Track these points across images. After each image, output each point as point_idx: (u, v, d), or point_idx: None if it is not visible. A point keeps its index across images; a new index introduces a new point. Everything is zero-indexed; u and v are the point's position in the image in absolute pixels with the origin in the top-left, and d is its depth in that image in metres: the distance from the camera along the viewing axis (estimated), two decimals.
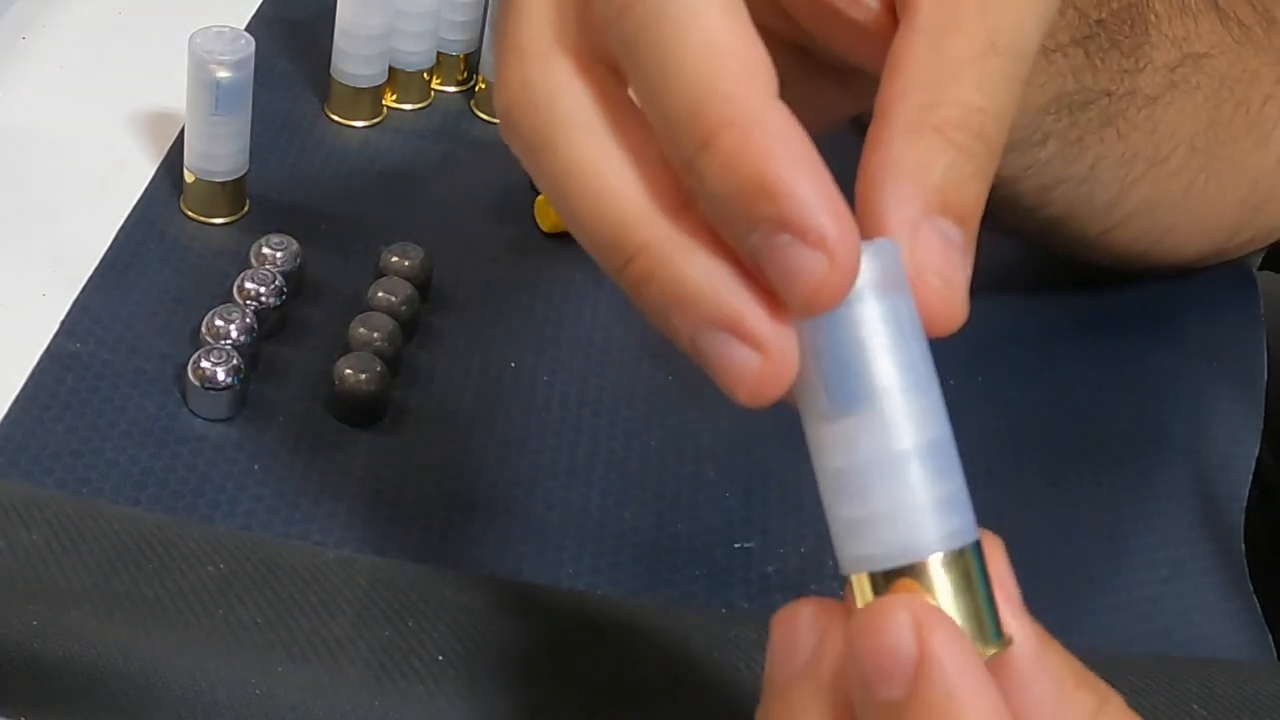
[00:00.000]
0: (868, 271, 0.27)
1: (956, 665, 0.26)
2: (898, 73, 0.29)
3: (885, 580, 0.27)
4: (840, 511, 0.28)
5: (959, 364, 0.55)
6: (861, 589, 0.27)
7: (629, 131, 0.29)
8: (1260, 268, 0.76)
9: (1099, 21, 0.47)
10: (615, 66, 0.29)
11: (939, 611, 0.27)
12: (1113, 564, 0.50)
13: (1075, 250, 0.55)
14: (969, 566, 0.27)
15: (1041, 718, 0.28)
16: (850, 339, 0.27)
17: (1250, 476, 0.54)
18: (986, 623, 0.27)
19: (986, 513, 0.53)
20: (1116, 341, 0.59)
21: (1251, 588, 0.50)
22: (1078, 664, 0.29)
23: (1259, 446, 0.55)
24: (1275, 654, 0.48)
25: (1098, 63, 0.47)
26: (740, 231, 0.27)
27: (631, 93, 0.29)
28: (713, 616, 0.43)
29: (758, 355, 0.27)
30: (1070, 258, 0.56)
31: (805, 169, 0.26)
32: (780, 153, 0.26)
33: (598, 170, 0.29)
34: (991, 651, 0.27)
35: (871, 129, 0.29)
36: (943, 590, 0.27)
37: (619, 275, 0.29)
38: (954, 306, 0.29)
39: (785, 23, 0.34)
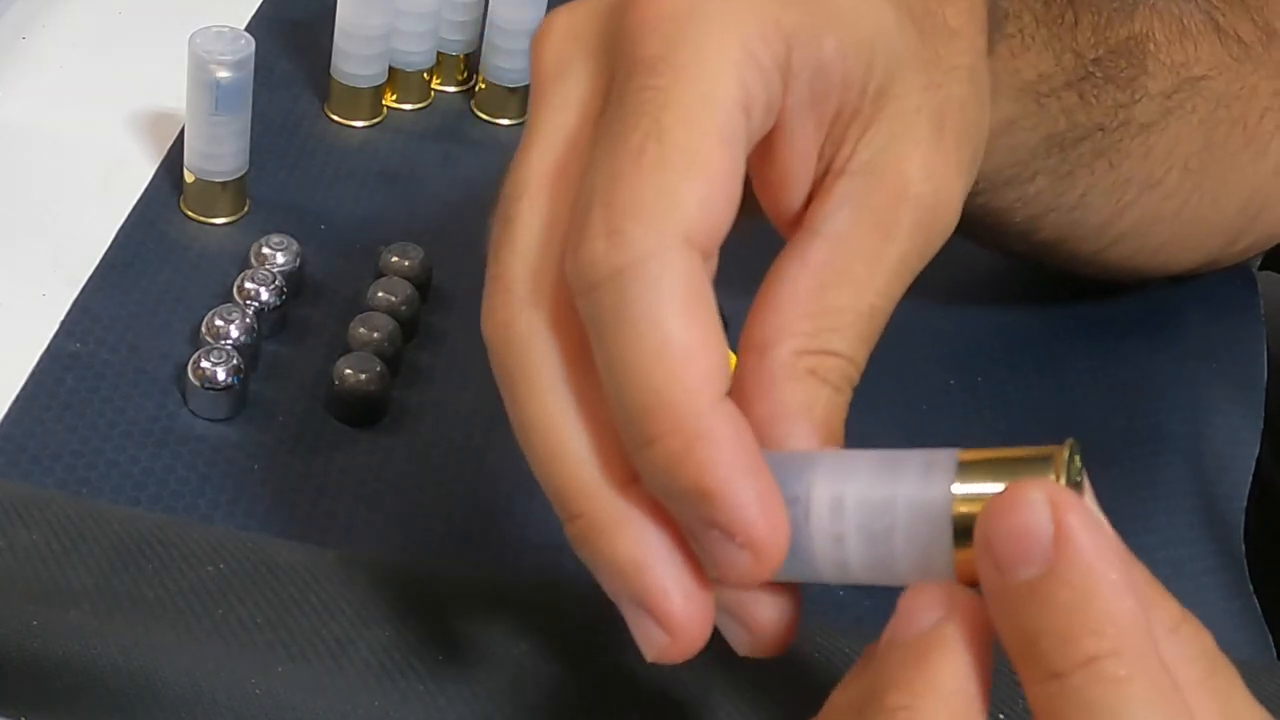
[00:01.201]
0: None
1: (1094, 543, 0.26)
2: (779, 307, 0.32)
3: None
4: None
5: (959, 364, 0.55)
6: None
7: (594, 393, 0.31)
8: (1260, 268, 0.76)
9: (1095, 61, 0.47)
10: None
11: (1071, 491, 0.27)
12: None
13: (1069, 268, 0.55)
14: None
15: (1119, 599, 0.27)
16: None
17: (1250, 476, 0.54)
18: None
19: None
20: (1116, 341, 0.59)
21: (1251, 588, 0.50)
22: (1160, 586, 0.29)
23: (1259, 446, 0.55)
24: (1275, 654, 0.48)
25: (1092, 101, 0.47)
26: (676, 513, 0.30)
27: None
28: None
29: (666, 637, 0.31)
30: (1065, 274, 0.56)
31: (742, 475, 0.29)
32: (719, 462, 0.29)
33: (554, 431, 0.32)
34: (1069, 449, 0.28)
35: (751, 358, 0.32)
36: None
37: (564, 525, 0.32)
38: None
39: None
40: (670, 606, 0.30)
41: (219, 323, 0.48)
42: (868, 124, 0.34)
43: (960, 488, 0.29)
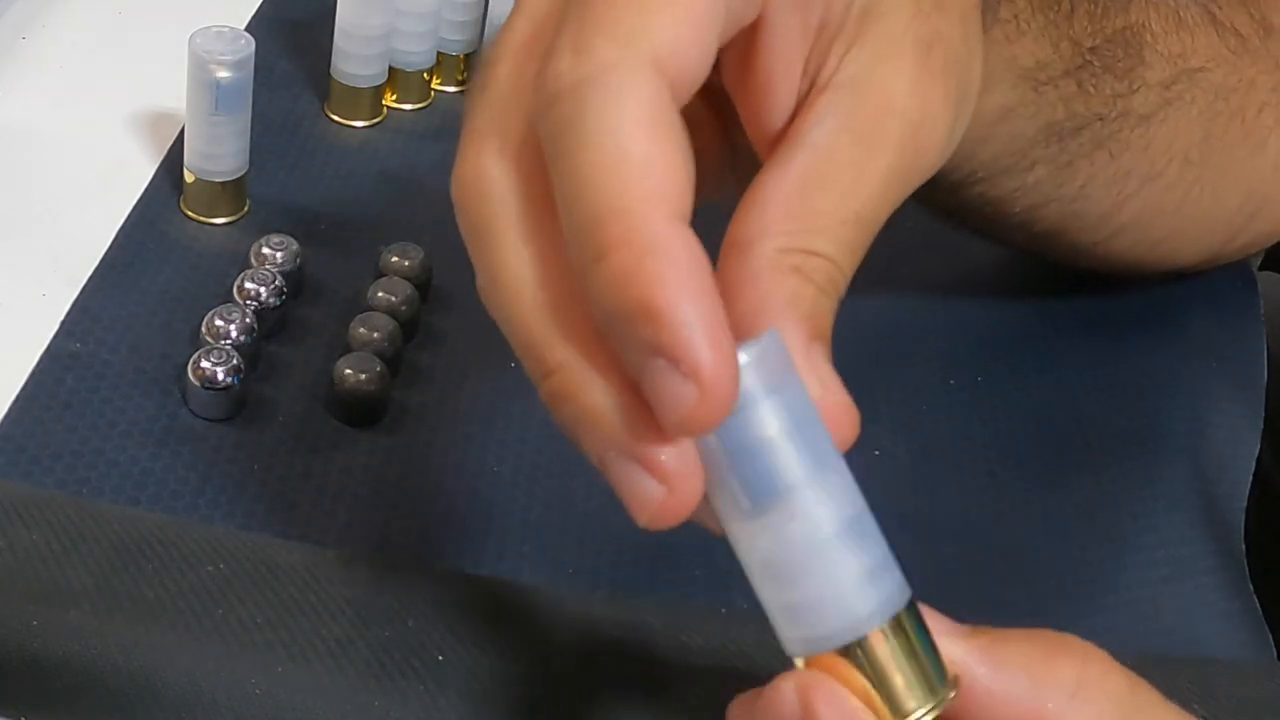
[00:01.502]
0: (757, 373, 0.27)
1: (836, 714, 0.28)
2: (763, 207, 0.31)
3: (827, 662, 0.29)
4: (774, 599, 0.29)
5: (959, 364, 0.55)
6: (825, 666, 0.29)
7: (559, 239, 0.30)
8: (1260, 268, 0.76)
9: (1092, 49, 0.47)
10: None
11: (821, 676, 0.28)
12: (1113, 564, 0.50)
13: (1069, 260, 0.55)
14: (906, 627, 0.28)
15: (1022, 713, 0.29)
16: (754, 440, 0.28)
17: (1250, 476, 0.54)
18: (932, 671, 0.29)
19: (986, 513, 0.54)
20: (1116, 341, 0.59)
21: (1251, 588, 0.50)
22: (1044, 638, 0.30)
23: (1259, 446, 0.55)
24: (1275, 654, 0.48)
25: (1090, 90, 0.47)
26: (622, 346, 0.28)
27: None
28: (713, 616, 0.43)
29: (662, 488, 0.28)
30: (1065, 267, 0.56)
31: (693, 297, 0.27)
32: (669, 279, 0.27)
33: (521, 282, 0.30)
34: (949, 695, 0.28)
35: (731, 257, 0.31)
36: (886, 658, 0.28)
37: (538, 387, 0.30)
38: (854, 414, 0.30)
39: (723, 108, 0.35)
40: (666, 452, 0.28)
41: (219, 323, 0.48)
42: (852, 41, 0.33)
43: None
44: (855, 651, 0.28)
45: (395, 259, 0.53)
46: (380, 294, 0.51)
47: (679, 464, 0.28)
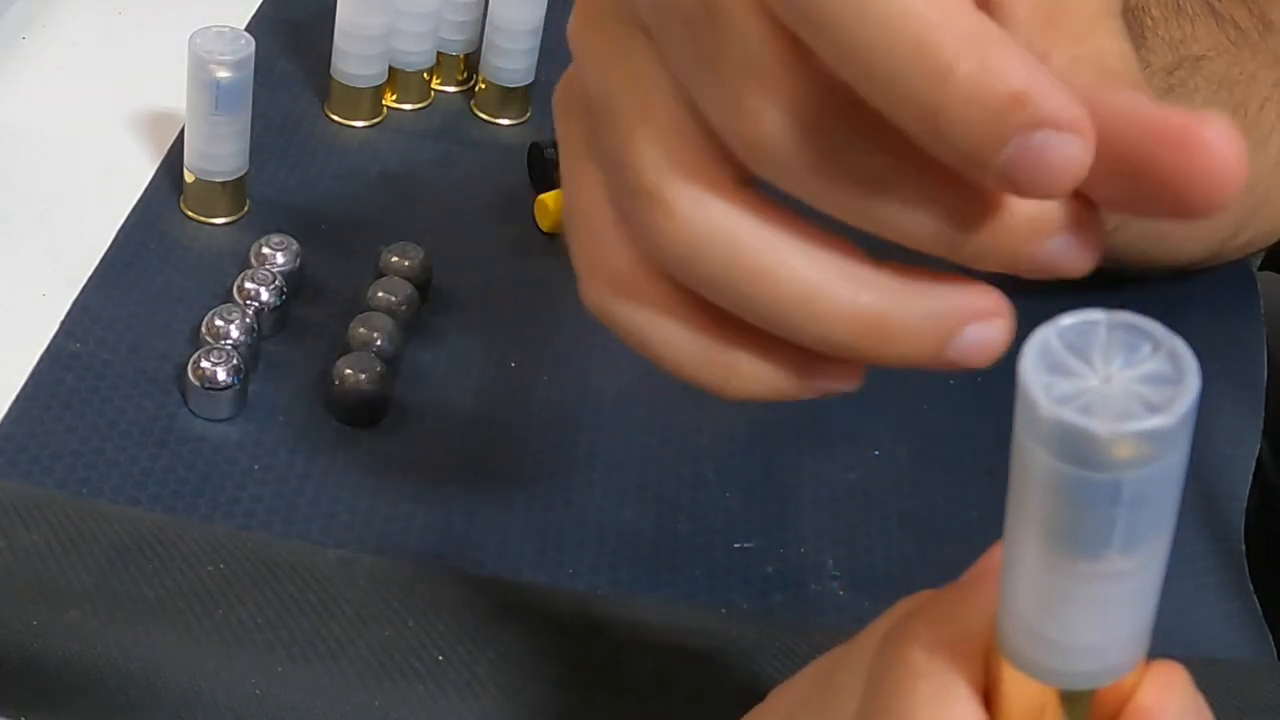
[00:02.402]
0: (1183, 420, 0.24)
1: None
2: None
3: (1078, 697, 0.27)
4: (1037, 621, 0.26)
5: None
6: (1021, 685, 0.27)
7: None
8: (1260, 268, 0.76)
9: None
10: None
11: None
12: None
13: None
14: (1097, 695, 0.27)
15: None
16: (1159, 487, 0.25)
17: (1250, 476, 0.54)
18: None
19: (987, 513, 0.54)
20: None
21: (1251, 588, 0.50)
22: None
23: (1259, 446, 0.55)
24: (1275, 654, 0.48)
25: None
26: (989, 154, 0.27)
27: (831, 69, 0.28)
28: (713, 616, 0.43)
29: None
30: None
31: (1039, 71, 0.26)
32: (1015, 61, 0.26)
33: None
34: None
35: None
36: (1071, 709, 0.27)
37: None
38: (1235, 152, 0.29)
39: None
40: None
41: (219, 323, 0.48)
42: None
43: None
44: (1066, 695, 0.27)
45: (395, 259, 0.53)
46: (380, 294, 0.51)
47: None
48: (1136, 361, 0.24)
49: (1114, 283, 0.60)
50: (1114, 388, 0.24)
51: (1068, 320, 0.24)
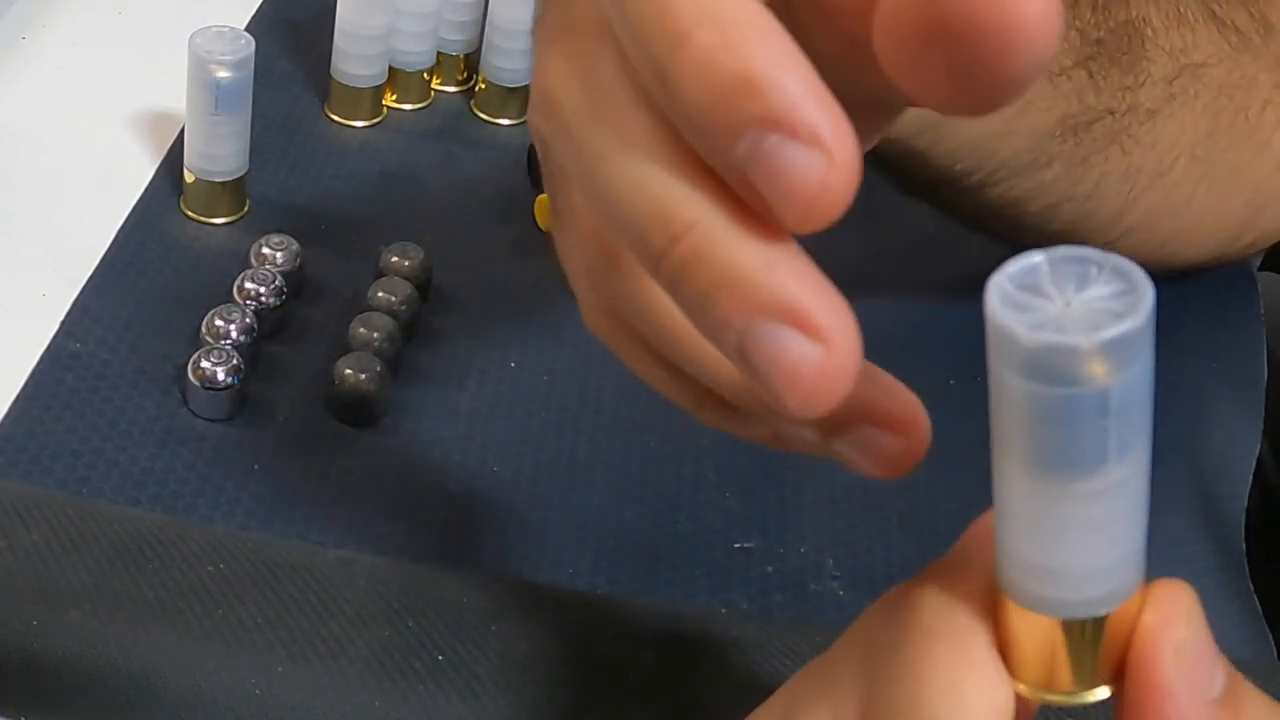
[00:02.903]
0: (1148, 321, 0.24)
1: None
2: None
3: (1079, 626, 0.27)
4: (1023, 550, 0.27)
5: (959, 364, 0.55)
6: (1045, 629, 0.27)
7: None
8: (1260, 268, 0.76)
9: (1098, 41, 0.47)
10: None
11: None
12: None
13: None
14: (1105, 622, 0.27)
15: None
16: (1131, 396, 0.24)
17: (1250, 476, 0.54)
18: (1092, 667, 0.27)
19: None
20: None
21: (1251, 587, 0.50)
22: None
23: (1259, 446, 0.55)
24: (1275, 654, 0.48)
25: (1100, 82, 0.47)
26: (724, 144, 0.24)
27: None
28: (713, 616, 0.43)
29: (817, 348, 0.24)
30: None
31: (791, 63, 0.24)
32: (762, 46, 0.24)
33: (643, 144, 0.26)
34: (1105, 692, 0.27)
35: None
36: (1075, 640, 0.27)
37: (661, 260, 0.26)
38: None
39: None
40: (820, 307, 0.24)
41: (219, 323, 0.48)
42: None
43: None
44: (1074, 625, 0.27)
45: (395, 259, 0.53)
46: (380, 294, 0.51)
47: (839, 322, 0.24)
48: (1088, 284, 0.24)
49: None
50: (1076, 310, 0.24)
51: (1013, 266, 0.25)
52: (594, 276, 0.32)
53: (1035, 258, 0.25)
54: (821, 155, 0.23)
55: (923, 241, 0.58)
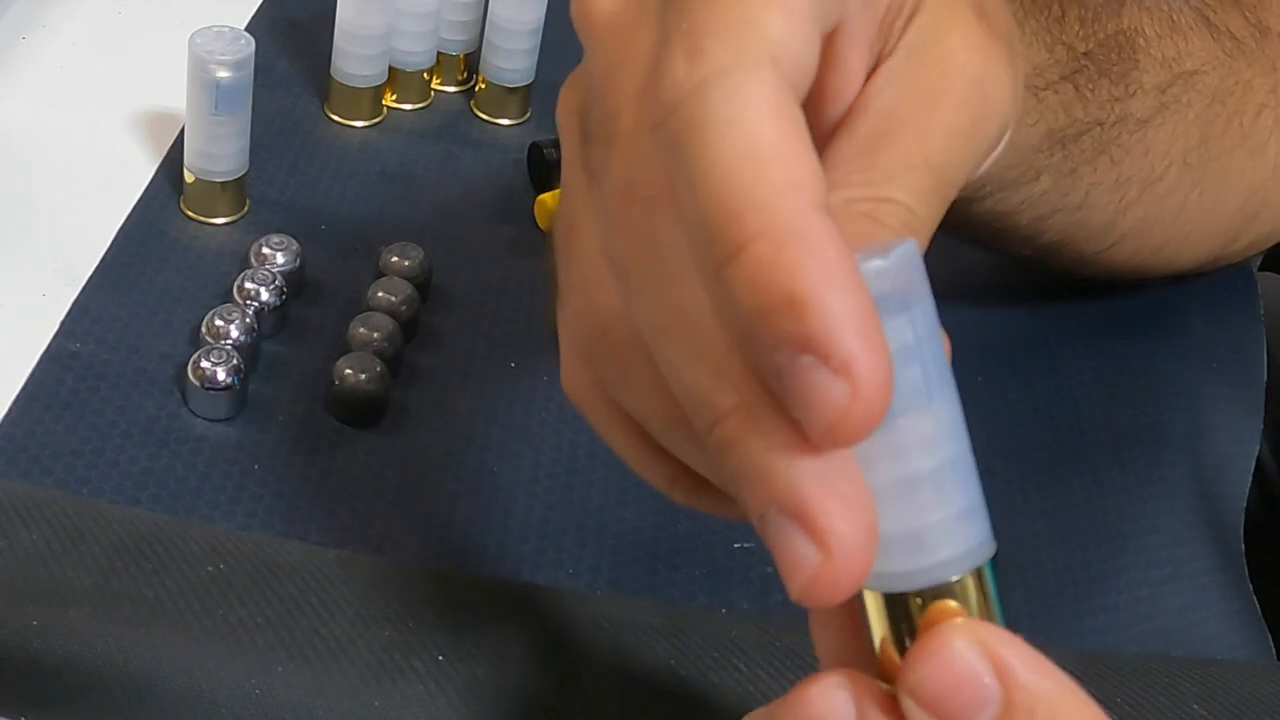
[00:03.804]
0: (892, 281, 0.26)
1: (1034, 670, 0.26)
2: (829, 167, 0.30)
3: (903, 601, 0.27)
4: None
5: (959, 364, 0.55)
6: (878, 606, 0.27)
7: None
8: (1260, 268, 0.76)
9: (1086, 54, 0.47)
10: None
11: (988, 624, 0.26)
12: (1113, 564, 0.50)
13: (1074, 270, 0.55)
14: (984, 580, 0.27)
15: None
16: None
17: (1250, 476, 0.54)
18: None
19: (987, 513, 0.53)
20: (1117, 342, 0.59)
21: (1251, 588, 0.50)
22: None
23: (1259, 446, 0.55)
24: (1275, 654, 0.48)
25: (1088, 95, 0.47)
26: (764, 352, 0.25)
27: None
28: (713, 616, 0.43)
29: (819, 554, 0.25)
30: (1069, 276, 0.56)
31: (840, 287, 0.25)
32: (814, 267, 0.25)
33: (697, 320, 0.28)
34: None
35: None
36: (953, 609, 0.27)
37: (707, 434, 0.27)
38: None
39: None
40: (829, 513, 0.25)
41: (219, 323, 0.48)
42: (911, 14, 0.32)
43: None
44: (937, 594, 0.27)
45: (395, 259, 0.53)
46: (380, 294, 0.51)
47: (848, 534, 0.25)
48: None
49: (1112, 284, 0.60)
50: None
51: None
52: (585, 352, 0.32)
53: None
54: (848, 385, 0.24)
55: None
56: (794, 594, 0.26)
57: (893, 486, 0.26)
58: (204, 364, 0.47)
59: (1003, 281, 0.60)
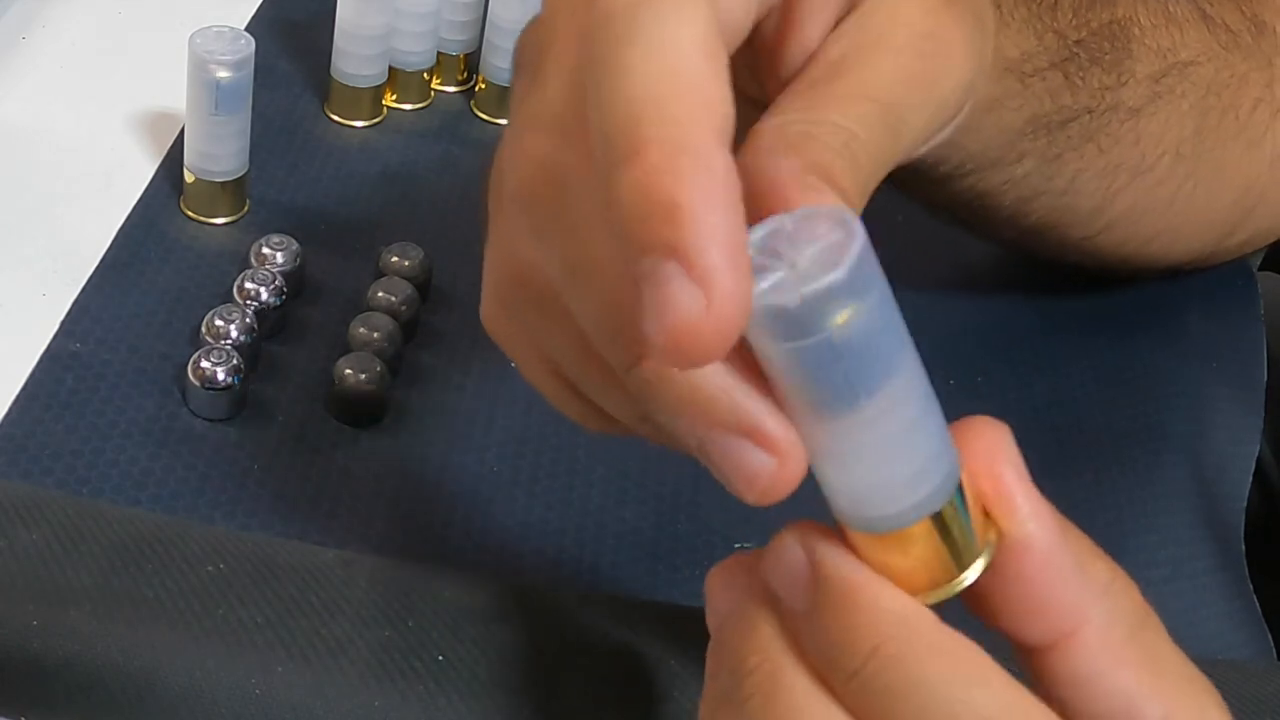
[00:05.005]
0: (865, 264, 0.26)
1: (842, 566, 0.29)
2: (773, 109, 0.30)
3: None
4: (837, 481, 0.30)
5: (959, 364, 0.55)
6: (879, 541, 0.30)
7: None
8: (1260, 268, 0.76)
9: (1078, 42, 0.47)
10: None
11: (823, 528, 0.30)
12: None
13: (1059, 255, 0.55)
14: (948, 512, 0.29)
15: (1066, 589, 0.30)
16: (866, 337, 0.27)
17: (1250, 476, 0.54)
18: (968, 544, 0.29)
19: None
20: (1117, 341, 0.59)
21: (1251, 588, 0.50)
22: (1090, 541, 0.31)
23: (1259, 446, 0.55)
24: (1275, 654, 0.48)
25: (1078, 82, 0.47)
26: (634, 258, 0.26)
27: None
28: None
29: (773, 460, 0.28)
30: (1054, 263, 0.56)
31: (721, 207, 0.25)
32: (700, 183, 0.25)
33: (613, 263, 0.28)
34: (982, 562, 0.30)
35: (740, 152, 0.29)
36: (929, 539, 0.29)
37: (628, 374, 0.29)
38: None
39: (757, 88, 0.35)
40: (775, 424, 0.28)
41: (219, 323, 0.48)
42: None
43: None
44: (908, 533, 0.29)
45: (395, 259, 0.53)
46: (380, 294, 0.51)
47: (791, 435, 0.28)
48: (816, 239, 0.26)
49: (1114, 282, 0.60)
50: (800, 269, 0.26)
51: (756, 234, 0.26)
52: (504, 298, 0.33)
53: (781, 219, 0.27)
54: (702, 295, 0.25)
55: (922, 241, 0.58)
56: (751, 499, 0.29)
57: (873, 448, 0.29)
58: (204, 364, 0.47)
59: (1003, 283, 0.60)
